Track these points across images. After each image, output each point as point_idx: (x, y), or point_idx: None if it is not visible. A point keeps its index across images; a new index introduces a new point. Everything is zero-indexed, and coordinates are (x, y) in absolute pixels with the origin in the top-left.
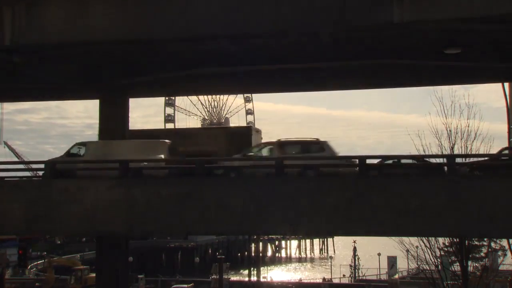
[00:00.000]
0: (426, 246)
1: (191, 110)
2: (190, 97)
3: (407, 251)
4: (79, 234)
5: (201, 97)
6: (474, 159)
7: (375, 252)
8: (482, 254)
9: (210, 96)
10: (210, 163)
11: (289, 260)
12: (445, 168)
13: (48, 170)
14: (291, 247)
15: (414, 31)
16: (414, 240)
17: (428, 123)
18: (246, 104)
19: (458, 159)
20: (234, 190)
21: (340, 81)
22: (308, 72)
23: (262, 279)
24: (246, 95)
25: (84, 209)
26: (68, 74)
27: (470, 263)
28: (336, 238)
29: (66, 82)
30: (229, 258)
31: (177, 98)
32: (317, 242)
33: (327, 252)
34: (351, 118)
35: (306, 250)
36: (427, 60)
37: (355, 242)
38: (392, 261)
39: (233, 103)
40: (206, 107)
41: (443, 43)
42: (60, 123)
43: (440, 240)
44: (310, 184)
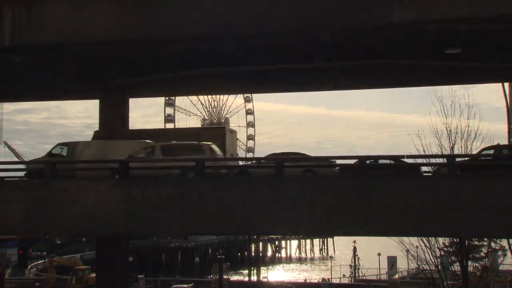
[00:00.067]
0: (426, 246)
1: (191, 110)
2: (190, 97)
3: (407, 251)
4: (79, 234)
5: (201, 97)
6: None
7: (375, 252)
8: (482, 254)
9: (210, 96)
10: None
11: (289, 260)
12: (421, 169)
13: (49, 170)
14: (291, 247)
15: (414, 31)
16: (414, 240)
17: (428, 123)
18: (246, 104)
19: (438, 160)
20: (234, 190)
21: (340, 81)
22: (308, 72)
23: (262, 279)
24: (246, 95)
25: (84, 209)
26: (68, 74)
27: (470, 263)
28: (336, 238)
29: (66, 82)
30: (229, 258)
31: (177, 98)
32: (317, 242)
33: (327, 252)
34: (351, 118)
35: (306, 250)
36: (427, 60)
37: (355, 242)
38: (392, 261)
39: (233, 103)
40: (206, 107)
41: (443, 43)
42: (60, 123)
43: (440, 240)
44: (310, 184)
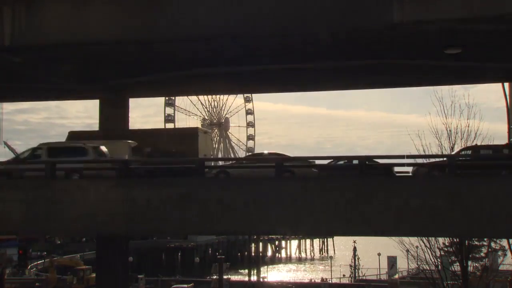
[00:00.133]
0: (426, 246)
1: (191, 110)
2: (190, 97)
3: (407, 251)
4: (79, 234)
5: (201, 97)
6: (434, 160)
7: (375, 252)
8: (482, 254)
9: (210, 96)
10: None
11: (289, 260)
12: (393, 169)
13: (49, 170)
14: (291, 247)
15: (414, 31)
16: (414, 240)
17: (428, 123)
18: (246, 104)
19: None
20: (234, 190)
21: (340, 81)
22: (308, 72)
23: (262, 279)
24: (246, 95)
25: (84, 209)
26: (68, 74)
27: (470, 263)
28: (336, 238)
29: (66, 82)
30: (229, 258)
31: (177, 98)
32: (317, 242)
33: (327, 252)
34: (351, 118)
35: (306, 250)
36: (427, 60)
37: (355, 242)
38: (392, 261)
39: (233, 103)
40: (206, 107)
41: (443, 43)
42: (59, 123)
43: (440, 240)
44: (310, 184)
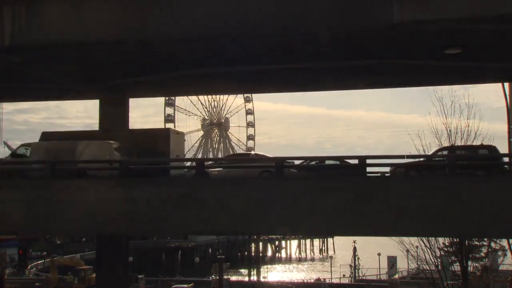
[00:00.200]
0: (426, 246)
1: (191, 110)
2: (190, 97)
3: (407, 251)
4: (79, 234)
5: (201, 97)
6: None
7: (375, 252)
8: (482, 254)
9: (210, 96)
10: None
11: (289, 260)
12: (365, 169)
13: (49, 170)
14: (291, 247)
15: (414, 31)
16: (414, 240)
17: (428, 123)
18: (246, 104)
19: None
20: (234, 190)
21: (340, 81)
22: (308, 72)
23: (262, 279)
24: (246, 95)
25: (84, 209)
26: (68, 74)
27: (470, 263)
28: (336, 238)
29: (66, 82)
30: (229, 258)
31: (177, 98)
32: (317, 242)
33: (327, 252)
34: (351, 118)
35: (306, 250)
36: (427, 60)
37: (355, 242)
38: (392, 261)
39: (233, 103)
40: (206, 107)
41: (443, 43)
42: (59, 123)
43: (440, 240)
44: (310, 184)
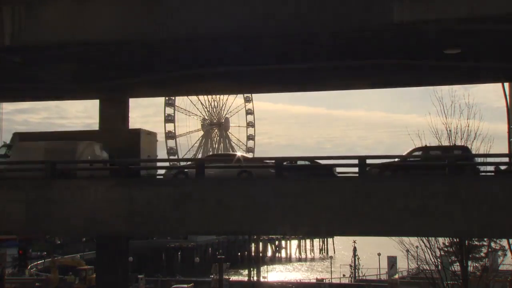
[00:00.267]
0: (426, 246)
1: (191, 110)
2: (190, 97)
3: (407, 251)
4: (79, 234)
5: (201, 97)
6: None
7: (375, 252)
8: (482, 254)
9: (210, 96)
10: None
11: (289, 260)
12: (335, 170)
13: (49, 170)
14: (291, 247)
15: (414, 31)
16: (414, 240)
17: (428, 123)
18: (246, 104)
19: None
20: (234, 190)
21: (340, 81)
22: (308, 72)
23: (262, 279)
24: (246, 95)
25: (84, 209)
26: (68, 74)
27: (470, 263)
28: (336, 238)
29: (66, 82)
30: (229, 258)
31: (177, 98)
32: (317, 242)
33: (327, 252)
34: (351, 118)
35: (306, 250)
36: (427, 60)
37: (355, 242)
38: (392, 261)
39: (233, 103)
40: (206, 107)
41: (443, 43)
42: (59, 123)
43: (440, 240)
44: (310, 184)
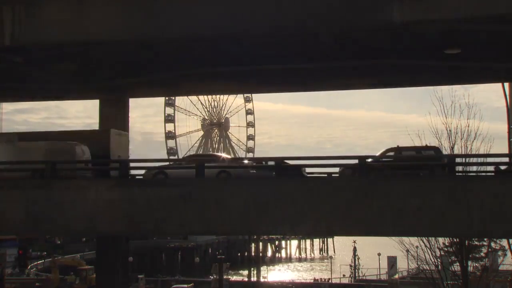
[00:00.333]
0: (426, 246)
1: (191, 110)
2: (190, 97)
3: (407, 251)
4: (79, 234)
5: (201, 97)
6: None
7: (375, 252)
8: (482, 254)
9: (210, 96)
10: None
11: (289, 260)
12: (304, 170)
13: (49, 170)
14: (291, 247)
15: (414, 31)
16: (414, 240)
17: (428, 123)
18: (246, 104)
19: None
20: (234, 190)
21: (340, 81)
22: (308, 72)
23: (262, 279)
24: (246, 95)
25: (84, 209)
26: (68, 74)
27: (470, 263)
28: (336, 238)
29: (66, 82)
30: (229, 258)
31: (177, 98)
32: (317, 242)
33: (327, 252)
34: (351, 118)
35: (306, 250)
36: (427, 60)
37: (355, 242)
38: (392, 261)
39: (233, 103)
40: (206, 107)
41: (443, 43)
42: (59, 123)
43: (440, 240)
44: (310, 184)
